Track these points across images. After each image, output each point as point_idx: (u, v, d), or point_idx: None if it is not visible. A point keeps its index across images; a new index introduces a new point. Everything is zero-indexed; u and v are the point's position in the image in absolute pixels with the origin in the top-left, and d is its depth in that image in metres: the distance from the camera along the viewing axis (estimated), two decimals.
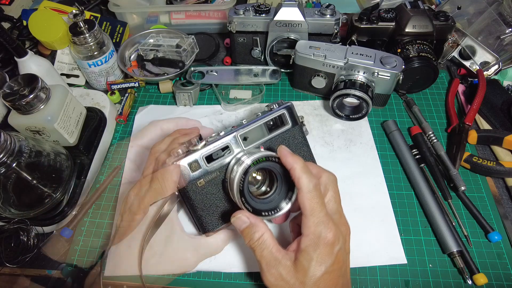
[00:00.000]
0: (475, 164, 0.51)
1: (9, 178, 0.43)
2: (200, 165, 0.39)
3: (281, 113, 0.42)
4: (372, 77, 0.54)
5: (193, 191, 0.39)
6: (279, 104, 0.43)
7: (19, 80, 0.45)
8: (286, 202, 0.38)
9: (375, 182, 0.51)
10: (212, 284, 0.44)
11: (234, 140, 0.40)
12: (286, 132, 0.43)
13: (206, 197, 0.40)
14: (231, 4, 0.70)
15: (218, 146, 0.39)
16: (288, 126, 0.43)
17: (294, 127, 0.43)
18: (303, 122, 0.45)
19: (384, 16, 0.60)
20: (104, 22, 0.72)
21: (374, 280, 0.43)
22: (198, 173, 0.39)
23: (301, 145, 0.44)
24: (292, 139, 0.43)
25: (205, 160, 0.39)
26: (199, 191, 0.40)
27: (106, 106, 0.59)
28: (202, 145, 0.39)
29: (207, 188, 0.40)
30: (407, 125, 0.59)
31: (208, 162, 0.39)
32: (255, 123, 0.41)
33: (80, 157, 0.52)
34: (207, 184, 0.40)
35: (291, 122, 0.43)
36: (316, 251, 0.34)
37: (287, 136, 0.43)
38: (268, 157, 0.37)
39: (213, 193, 0.40)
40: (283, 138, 0.43)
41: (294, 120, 0.43)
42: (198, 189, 0.39)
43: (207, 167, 0.39)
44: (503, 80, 0.63)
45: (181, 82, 0.64)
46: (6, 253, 0.46)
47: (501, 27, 0.61)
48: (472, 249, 0.45)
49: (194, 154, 0.39)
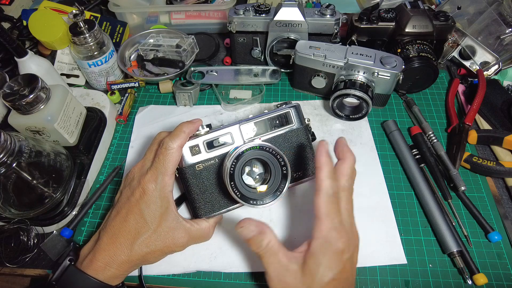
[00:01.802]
0: (475, 164, 0.51)
1: (9, 178, 0.43)
2: (200, 150, 0.41)
3: (287, 112, 0.43)
4: (372, 77, 0.54)
5: (191, 173, 0.41)
6: (287, 103, 0.44)
7: (19, 80, 0.45)
8: (272, 198, 0.39)
9: (375, 182, 0.51)
10: (212, 284, 0.44)
11: (236, 131, 0.41)
12: (290, 132, 0.43)
13: (202, 182, 0.41)
14: (231, 4, 0.70)
15: (220, 134, 0.41)
16: (293, 126, 0.43)
17: (299, 127, 0.44)
18: (309, 125, 0.46)
19: (384, 16, 0.60)
20: (104, 22, 0.72)
21: (374, 280, 0.43)
22: (198, 158, 0.41)
23: (304, 147, 0.44)
24: (295, 139, 0.44)
25: (206, 145, 0.41)
26: (196, 174, 0.41)
27: (106, 106, 0.59)
28: (205, 132, 0.41)
29: (204, 173, 0.41)
30: (407, 125, 0.59)
31: (208, 148, 0.41)
32: (259, 117, 0.42)
33: (80, 157, 0.52)
34: (205, 169, 0.41)
35: (296, 122, 0.43)
36: (326, 256, 0.33)
37: (290, 136, 0.43)
38: (263, 146, 0.38)
39: (209, 179, 0.41)
40: (286, 138, 0.43)
41: (299, 120, 0.44)
42: (196, 172, 0.41)
43: (207, 152, 0.41)
44: (503, 80, 0.63)
45: (181, 82, 0.64)
46: (6, 253, 0.46)
47: (501, 27, 0.61)
48: (472, 249, 0.45)
49: (196, 139, 0.41)
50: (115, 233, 0.39)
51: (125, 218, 0.40)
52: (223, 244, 0.46)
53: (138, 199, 0.40)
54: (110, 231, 0.40)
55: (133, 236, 0.39)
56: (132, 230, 0.39)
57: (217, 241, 0.46)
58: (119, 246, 0.39)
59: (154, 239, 0.40)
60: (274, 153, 0.38)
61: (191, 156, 0.41)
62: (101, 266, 0.38)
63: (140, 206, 0.39)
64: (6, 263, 0.45)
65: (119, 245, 0.39)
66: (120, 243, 0.39)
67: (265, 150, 0.38)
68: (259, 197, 0.38)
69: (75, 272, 0.38)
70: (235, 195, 0.38)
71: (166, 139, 0.40)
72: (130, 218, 0.40)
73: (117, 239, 0.39)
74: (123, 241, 0.39)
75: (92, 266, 0.38)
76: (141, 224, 0.39)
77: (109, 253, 0.38)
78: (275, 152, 0.38)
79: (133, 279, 0.44)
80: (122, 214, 0.40)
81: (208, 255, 0.45)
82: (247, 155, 0.38)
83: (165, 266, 0.45)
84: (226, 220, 0.48)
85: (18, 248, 0.46)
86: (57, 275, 0.38)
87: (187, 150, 0.41)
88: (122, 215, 0.40)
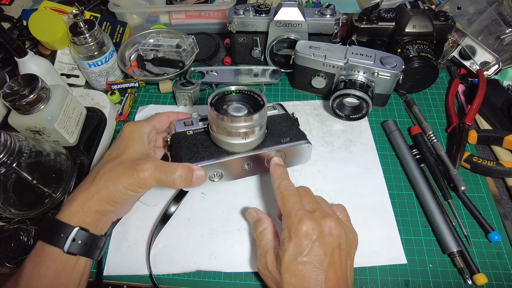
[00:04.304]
0: (475, 164, 0.51)
1: (9, 178, 0.43)
2: (193, 123, 0.48)
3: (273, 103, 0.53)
4: (372, 77, 0.54)
5: (181, 137, 0.46)
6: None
7: (19, 80, 0.45)
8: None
9: (375, 182, 0.51)
10: (212, 284, 0.44)
11: None
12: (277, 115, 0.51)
13: (192, 142, 0.46)
14: (231, 4, 0.70)
15: None
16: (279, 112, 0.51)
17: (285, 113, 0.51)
18: (294, 113, 0.53)
19: (384, 16, 0.60)
20: (104, 22, 0.72)
21: (374, 280, 0.43)
22: (190, 127, 0.47)
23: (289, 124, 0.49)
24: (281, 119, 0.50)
25: (198, 120, 0.48)
26: (187, 137, 0.46)
27: (106, 106, 0.59)
28: (197, 114, 0.50)
29: (194, 136, 0.46)
30: (407, 125, 0.59)
31: (200, 121, 0.48)
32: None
33: (80, 157, 0.52)
34: (195, 134, 0.47)
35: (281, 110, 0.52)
36: (291, 243, 0.36)
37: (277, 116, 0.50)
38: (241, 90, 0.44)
39: (197, 139, 0.46)
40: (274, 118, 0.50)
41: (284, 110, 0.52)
42: (187, 135, 0.46)
43: (198, 124, 0.48)
44: (503, 80, 0.63)
45: (181, 82, 0.64)
46: (6, 253, 0.46)
47: (501, 27, 0.61)
48: (472, 249, 0.45)
49: (191, 118, 0.49)
50: (89, 173, 0.41)
51: (100, 158, 0.43)
52: (223, 244, 0.46)
53: (116, 139, 0.44)
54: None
55: (99, 168, 0.40)
56: (102, 163, 0.41)
57: (217, 241, 0.46)
58: (86, 180, 0.40)
59: (116, 165, 0.39)
60: (250, 93, 0.43)
61: (184, 126, 0.47)
62: (66, 204, 0.39)
63: (115, 143, 0.43)
64: (6, 263, 0.45)
65: (86, 179, 0.40)
66: (87, 177, 0.40)
67: (243, 93, 0.44)
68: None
69: (48, 219, 0.38)
70: (212, 106, 0.41)
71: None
72: (103, 155, 0.42)
73: (87, 176, 0.40)
74: (90, 175, 0.40)
75: (61, 207, 0.39)
76: (109, 157, 0.41)
77: (76, 189, 0.40)
78: (252, 92, 0.43)
79: (133, 279, 0.44)
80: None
81: (208, 255, 0.45)
82: (228, 96, 0.44)
83: (165, 265, 0.44)
84: (226, 221, 0.48)
85: (18, 248, 0.46)
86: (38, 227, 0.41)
87: (181, 122, 0.48)
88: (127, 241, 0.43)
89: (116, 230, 0.47)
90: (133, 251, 0.46)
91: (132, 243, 0.46)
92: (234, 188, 0.51)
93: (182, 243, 0.46)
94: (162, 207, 0.49)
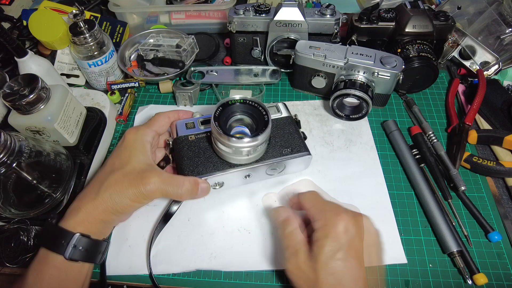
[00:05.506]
0: (475, 164, 0.51)
1: (9, 178, 0.43)
2: (194, 125, 0.47)
3: (276, 104, 0.51)
4: (372, 77, 0.54)
5: (183, 142, 0.46)
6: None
7: (19, 80, 0.45)
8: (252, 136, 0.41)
9: (375, 182, 0.51)
10: (212, 284, 0.44)
11: None
12: (280, 118, 0.50)
13: (192, 150, 0.45)
14: (231, 4, 0.70)
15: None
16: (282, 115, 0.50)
17: (287, 116, 0.50)
18: (297, 116, 0.51)
19: (384, 16, 0.60)
20: (104, 22, 0.72)
21: (374, 280, 0.43)
22: (192, 131, 0.47)
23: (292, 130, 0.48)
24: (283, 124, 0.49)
25: (200, 123, 0.48)
26: (189, 143, 0.46)
27: (106, 106, 0.59)
28: (200, 115, 0.49)
29: (196, 142, 0.46)
30: (407, 125, 0.59)
31: (202, 124, 0.47)
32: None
33: (80, 157, 0.52)
34: (197, 140, 0.46)
35: (284, 112, 0.51)
36: (328, 238, 0.35)
37: (280, 121, 0.49)
38: (245, 100, 0.42)
39: (199, 146, 0.46)
40: (277, 122, 0.49)
41: (287, 111, 0.51)
42: (189, 141, 0.46)
43: (200, 128, 0.47)
44: (503, 80, 0.63)
45: (181, 82, 0.64)
46: (6, 253, 0.46)
47: (501, 27, 0.61)
48: (472, 249, 0.45)
49: (192, 119, 0.48)
50: (91, 181, 0.41)
51: (103, 165, 0.42)
52: (223, 243, 0.46)
53: (118, 146, 0.43)
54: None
55: (103, 178, 0.40)
56: (106, 173, 0.40)
57: (217, 241, 0.46)
58: (90, 189, 0.40)
59: (121, 177, 0.39)
60: (255, 104, 0.42)
61: (186, 129, 0.47)
62: (70, 213, 0.38)
63: (117, 151, 0.43)
64: (6, 263, 0.45)
65: (90, 189, 0.40)
66: (92, 186, 0.40)
67: (247, 103, 0.42)
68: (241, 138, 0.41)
69: (49, 225, 0.38)
70: (217, 127, 0.39)
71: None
72: (106, 163, 0.42)
73: (90, 184, 0.40)
74: (94, 185, 0.40)
75: (65, 215, 0.39)
76: (113, 167, 0.40)
77: (79, 198, 0.40)
78: (256, 103, 0.42)
79: (134, 279, 0.44)
80: (103, 165, 0.42)
81: (208, 255, 0.45)
82: (233, 107, 0.42)
83: (164, 265, 0.44)
84: (226, 221, 0.48)
85: (18, 248, 0.46)
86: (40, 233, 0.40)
87: (183, 124, 0.47)
88: (102, 166, 0.42)
89: (116, 230, 0.47)
90: (133, 251, 0.46)
91: (132, 243, 0.46)
92: (234, 188, 0.51)
93: (182, 243, 0.46)
94: (162, 207, 0.49)
